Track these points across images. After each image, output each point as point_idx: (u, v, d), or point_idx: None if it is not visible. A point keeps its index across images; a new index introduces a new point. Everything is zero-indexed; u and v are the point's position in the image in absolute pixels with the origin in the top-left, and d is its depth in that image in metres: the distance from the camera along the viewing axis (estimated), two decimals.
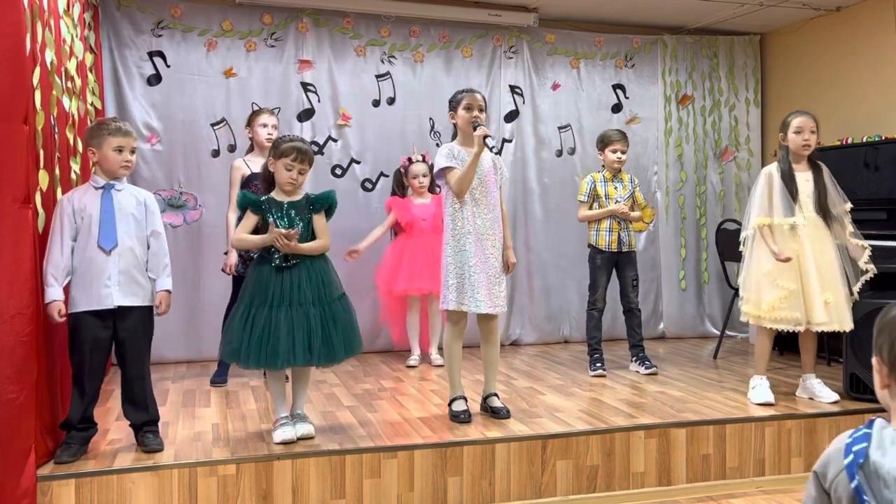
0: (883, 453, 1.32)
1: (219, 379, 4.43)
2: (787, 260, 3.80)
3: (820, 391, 3.96)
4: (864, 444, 1.35)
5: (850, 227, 3.94)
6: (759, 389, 3.94)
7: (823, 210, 3.91)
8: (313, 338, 3.17)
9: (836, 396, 3.91)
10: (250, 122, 4.45)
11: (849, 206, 3.97)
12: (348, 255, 4.77)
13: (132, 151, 3.17)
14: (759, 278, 3.91)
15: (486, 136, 3.49)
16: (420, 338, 5.14)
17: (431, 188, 5.01)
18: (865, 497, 1.31)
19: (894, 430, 1.36)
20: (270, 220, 3.24)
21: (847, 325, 3.82)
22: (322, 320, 3.20)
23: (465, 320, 3.67)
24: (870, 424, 1.39)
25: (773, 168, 4.00)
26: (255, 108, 4.84)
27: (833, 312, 3.81)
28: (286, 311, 3.16)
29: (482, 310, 3.56)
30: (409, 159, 5.03)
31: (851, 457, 1.34)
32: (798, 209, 3.88)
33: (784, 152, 3.99)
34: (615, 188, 4.70)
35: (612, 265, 4.71)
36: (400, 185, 5.06)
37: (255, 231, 3.29)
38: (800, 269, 3.83)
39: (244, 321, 3.17)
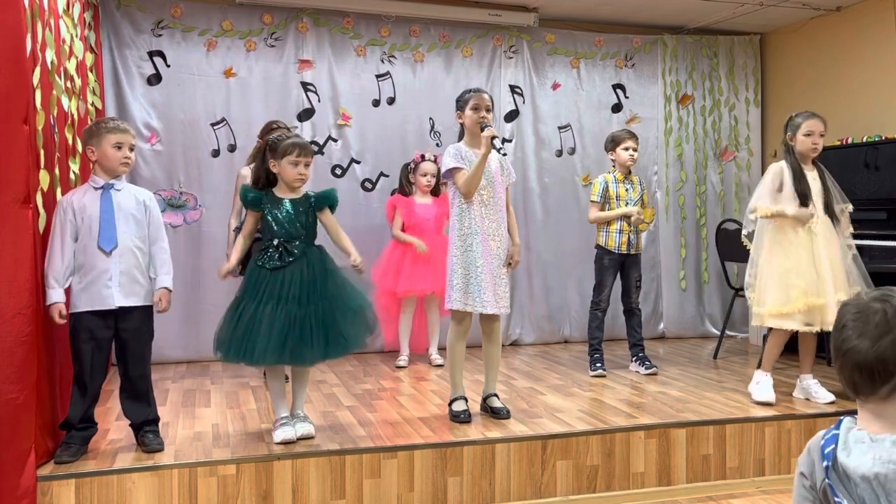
0: (847, 454, 1.38)
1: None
2: (812, 216, 3.79)
3: (816, 392, 3.95)
4: (833, 446, 1.41)
5: (848, 229, 3.93)
6: (762, 386, 3.92)
7: (830, 210, 3.90)
8: (290, 337, 3.14)
9: (832, 397, 3.90)
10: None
11: (850, 207, 3.96)
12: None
13: (131, 148, 3.19)
14: (769, 277, 3.86)
15: (493, 138, 3.47)
16: (419, 338, 5.13)
17: (436, 190, 5.00)
18: (838, 497, 1.37)
19: (859, 429, 1.41)
20: (266, 213, 3.29)
21: None
22: (303, 320, 3.16)
23: (468, 320, 3.66)
24: (838, 425, 1.45)
25: (783, 165, 3.95)
26: (276, 124, 4.34)
27: None
28: (271, 308, 3.16)
29: (487, 310, 3.56)
30: (423, 156, 5.01)
31: (825, 461, 1.41)
32: (811, 207, 3.86)
33: (787, 151, 3.96)
34: (626, 189, 4.69)
35: (619, 266, 4.70)
36: (407, 181, 5.04)
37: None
38: (814, 268, 3.79)
39: (231, 313, 3.22)
